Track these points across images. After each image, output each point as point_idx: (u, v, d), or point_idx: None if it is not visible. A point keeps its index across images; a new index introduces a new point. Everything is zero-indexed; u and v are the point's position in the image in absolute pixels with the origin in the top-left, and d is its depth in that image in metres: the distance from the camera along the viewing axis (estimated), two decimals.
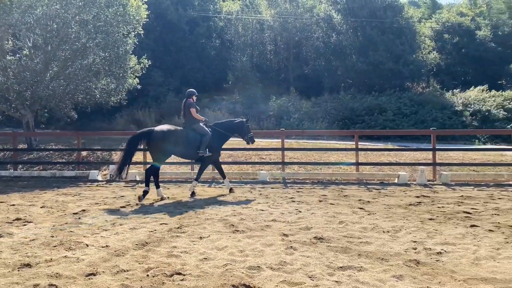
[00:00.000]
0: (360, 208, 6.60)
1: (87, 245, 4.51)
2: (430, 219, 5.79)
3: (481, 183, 9.74)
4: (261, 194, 8.20)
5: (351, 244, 4.53)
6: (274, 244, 4.52)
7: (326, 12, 32.09)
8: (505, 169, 10.90)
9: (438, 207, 6.71)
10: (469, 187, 9.13)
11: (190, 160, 9.17)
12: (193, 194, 7.85)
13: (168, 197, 7.69)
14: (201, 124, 7.99)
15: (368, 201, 7.27)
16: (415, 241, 4.64)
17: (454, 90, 28.23)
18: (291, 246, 4.43)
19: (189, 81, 30.44)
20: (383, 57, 27.81)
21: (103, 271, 3.73)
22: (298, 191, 8.55)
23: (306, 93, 28.66)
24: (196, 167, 9.91)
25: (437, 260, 3.98)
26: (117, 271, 3.73)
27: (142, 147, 8.31)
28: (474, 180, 10.05)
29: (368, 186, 9.28)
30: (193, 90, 8.38)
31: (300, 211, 6.35)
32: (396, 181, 9.98)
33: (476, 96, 26.47)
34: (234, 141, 10.13)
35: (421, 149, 13.04)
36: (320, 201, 7.33)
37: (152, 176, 7.59)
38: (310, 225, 5.39)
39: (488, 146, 18.74)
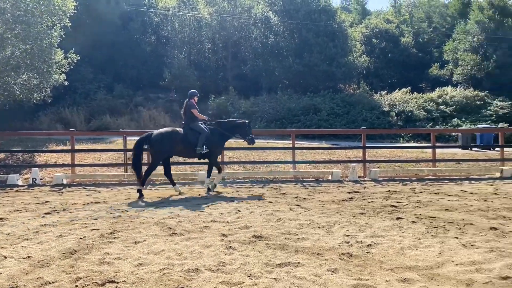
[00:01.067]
0: (297, 205, 6.81)
1: (5, 257, 4.10)
2: (361, 213, 6.15)
3: (405, 178, 10.59)
4: (199, 194, 8.10)
5: (289, 241, 4.65)
6: (213, 245, 4.49)
7: (263, 13, 32.64)
8: (425, 165, 11.97)
9: (368, 202, 7.16)
10: (395, 182, 9.87)
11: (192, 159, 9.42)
12: (209, 190, 8.33)
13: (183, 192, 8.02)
14: (199, 123, 8.32)
15: (304, 198, 7.52)
16: (347, 235, 4.89)
17: (382, 92, 30.36)
18: (230, 246, 4.43)
19: (123, 78, 29.13)
20: (317, 59, 28.97)
21: (24, 285, 3.41)
22: (238, 190, 8.58)
23: (245, 93, 28.89)
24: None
25: (367, 252, 4.24)
26: (41, 284, 3.43)
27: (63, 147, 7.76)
28: (399, 176, 10.89)
29: (304, 184, 9.61)
30: (195, 91, 8.66)
31: (240, 211, 6.37)
32: (330, 178, 10.45)
33: (401, 98, 28.74)
34: None
35: (352, 147, 13.82)
36: (258, 199, 7.43)
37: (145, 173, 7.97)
38: (249, 224, 5.44)
39: (411, 144, 20.44)
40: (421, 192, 8.25)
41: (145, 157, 9.48)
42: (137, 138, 8.28)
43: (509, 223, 5.43)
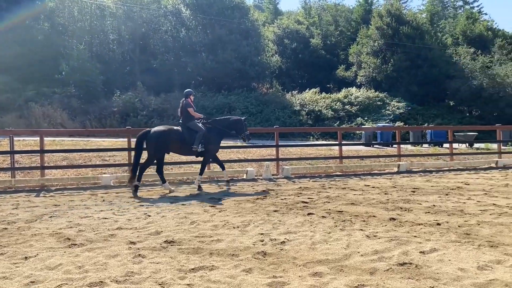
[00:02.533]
0: (211, 206, 6.79)
1: None
2: (275, 211, 6.37)
3: (315, 175, 11.26)
4: (104, 200, 7.59)
5: (203, 244, 4.60)
6: (119, 255, 4.23)
7: (174, 5, 31.91)
8: (333, 162, 12.89)
9: (281, 199, 7.46)
10: (305, 179, 10.44)
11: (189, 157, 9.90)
12: (199, 188, 8.64)
13: (174, 190, 8.40)
14: (196, 121, 8.74)
15: (219, 198, 7.54)
16: (262, 234, 5.02)
17: (293, 91, 31.91)
18: (139, 254, 4.23)
19: (9, 69, 25.94)
20: (231, 57, 29.30)
21: None
22: (148, 194, 8.24)
23: (155, 89, 27.93)
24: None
25: (281, 249, 4.40)
26: None
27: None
28: (309, 173, 11.55)
29: (219, 183, 9.63)
30: (191, 90, 9.11)
31: (150, 215, 6.13)
32: (244, 177, 10.64)
33: (311, 98, 30.55)
34: (69, 141, 9.08)
35: (266, 145, 14.28)
36: (171, 202, 7.23)
37: (141, 171, 8.40)
38: (160, 229, 5.26)
39: (320, 142, 21.84)
40: (329, 187, 8.86)
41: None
42: (25, 137, 7.51)
43: (405, 213, 6.13)
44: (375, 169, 12.23)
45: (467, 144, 21.58)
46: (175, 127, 8.67)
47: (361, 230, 5.16)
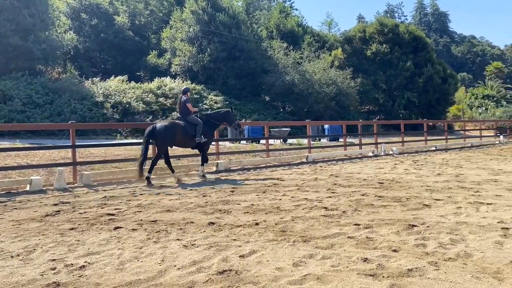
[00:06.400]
0: None
1: None
2: (72, 228, 5.88)
3: (124, 180, 10.94)
4: None
5: None
6: None
7: None
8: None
9: (80, 213, 6.94)
10: (112, 185, 10.06)
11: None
12: (204, 176, 10.94)
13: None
14: (193, 115, 10.80)
15: None
16: (54, 260, 4.56)
17: (94, 78, 30.15)
18: None
19: None
20: (6, 29, 25.76)
21: None
22: None
23: None
24: None
25: (80, 276, 4.07)
26: None
27: None
28: (117, 178, 11.14)
29: None
30: (188, 87, 12.14)
31: None
32: (28, 188, 9.55)
33: (117, 87, 29.46)
34: None
35: (58, 146, 13.06)
36: None
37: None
38: None
39: (130, 140, 21.35)
40: (141, 194, 8.75)
41: None
42: None
43: (225, 216, 6.55)
44: (193, 169, 12.69)
45: (281, 140, 24.68)
46: (176, 121, 10.66)
47: (178, 239, 5.25)
